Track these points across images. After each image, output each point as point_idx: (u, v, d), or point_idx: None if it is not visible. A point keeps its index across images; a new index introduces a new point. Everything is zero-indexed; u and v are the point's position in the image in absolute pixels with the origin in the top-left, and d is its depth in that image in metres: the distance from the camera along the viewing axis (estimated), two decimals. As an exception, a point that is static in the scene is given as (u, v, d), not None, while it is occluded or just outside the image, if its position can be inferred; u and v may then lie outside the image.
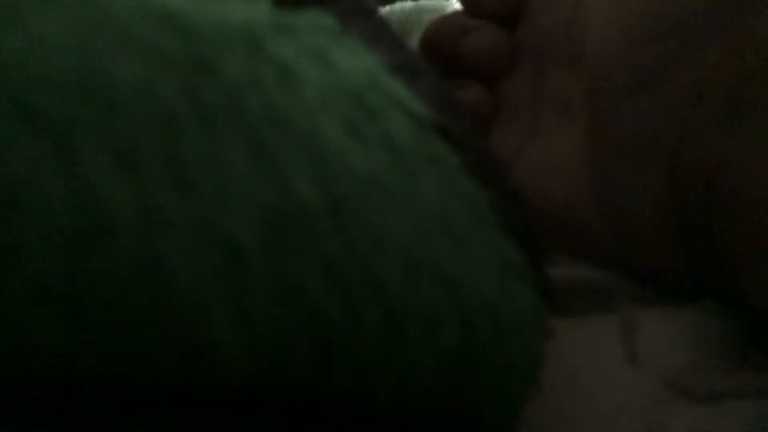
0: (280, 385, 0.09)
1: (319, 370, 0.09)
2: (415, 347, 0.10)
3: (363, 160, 0.09)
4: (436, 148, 0.11)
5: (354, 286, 0.09)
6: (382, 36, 0.13)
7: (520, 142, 0.25)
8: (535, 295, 0.12)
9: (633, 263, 0.22)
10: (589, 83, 0.21)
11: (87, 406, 0.08)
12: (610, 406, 0.17)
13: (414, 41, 0.27)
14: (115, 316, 0.07)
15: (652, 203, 0.19)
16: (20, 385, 0.08)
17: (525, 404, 0.12)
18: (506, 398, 0.12)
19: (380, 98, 0.10)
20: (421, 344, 0.10)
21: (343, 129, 0.09)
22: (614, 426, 0.17)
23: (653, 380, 0.18)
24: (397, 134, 0.10)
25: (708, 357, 0.19)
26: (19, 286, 0.07)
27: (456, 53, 0.24)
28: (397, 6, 0.35)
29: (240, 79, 0.09)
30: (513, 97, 0.25)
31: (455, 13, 0.27)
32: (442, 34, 0.25)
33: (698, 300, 0.21)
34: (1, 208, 0.07)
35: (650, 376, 0.18)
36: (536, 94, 0.25)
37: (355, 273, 0.09)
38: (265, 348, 0.08)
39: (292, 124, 0.09)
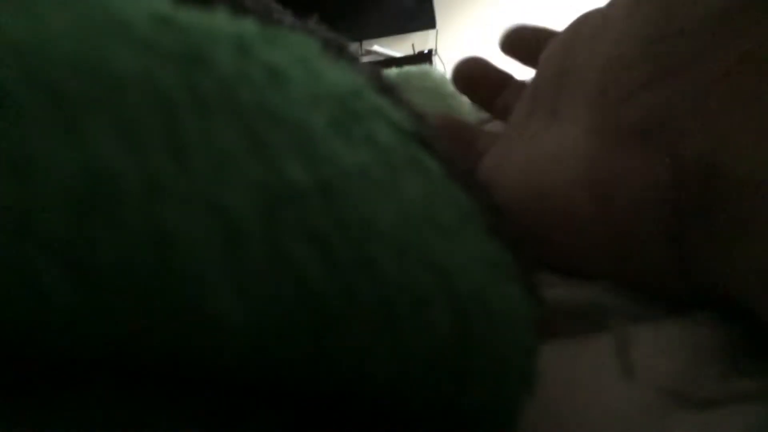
0: (278, 368, 0.09)
1: (316, 348, 0.09)
2: (408, 330, 0.10)
3: (349, 154, 0.10)
4: (419, 155, 0.11)
5: (346, 263, 0.09)
6: (363, 66, 0.13)
7: (519, 134, 0.26)
8: (524, 292, 0.12)
9: (626, 267, 0.22)
10: (593, 85, 0.21)
11: (87, 396, 0.08)
12: (608, 416, 0.17)
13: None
14: (119, 277, 0.08)
15: (651, 195, 0.19)
16: (27, 354, 0.08)
17: (522, 407, 0.12)
18: (502, 395, 0.12)
19: (365, 106, 0.11)
20: (414, 327, 0.10)
21: (330, 125, 0.10)
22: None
23: (649, 389, 0.18)
24: (381, 137, 0.11)
25: (702, 365, 0.19)
26: (29, 247, 0.07)
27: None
28: (384, 72, 0.37)
29: (231, 74, 0.09)
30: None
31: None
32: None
33: (691, 313, 0.21)
34: (13, 173, 0.07)
35: (646, 385, 0.18)
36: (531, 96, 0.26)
37: (347, 251, 0.09)
38: (263, 321, 0.09)
39: (282, 115, 0.09)
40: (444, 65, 1.72)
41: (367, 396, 0.10)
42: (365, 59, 1.55)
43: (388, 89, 0.13)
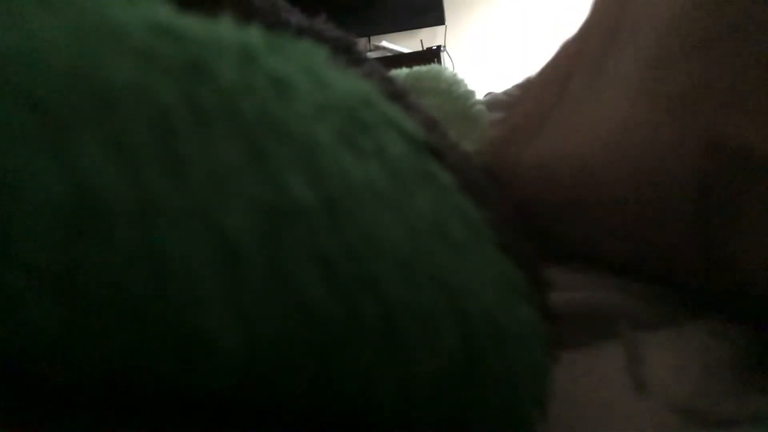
0: (280, 390, 0.09)
1: (319, 371, 0.09)
2: (415, 350, 0.09)
3: (357, 167, 0.09)
4: (430, 166, 0.11)
5: (351, 283, 0.09)
6: (374, 71, 0.13)
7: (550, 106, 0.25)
8: (537, 313, 0.11)
9: (648, 246, 0.21)
10: (651, 42, 0.20)
11: (84, 417, 0.08)
12: (621, 434, 0.16)
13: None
14: (110, 301, 0.07)
15: (681, 168, 0.18)
16: (19, 380, 0.08)
17: (534, 430, 0.12)
18: (513, 418, 0.11)
19: (374, 115, 0.10)
20: (421, 347, 0.09)
21: (336, 138, 0.09)
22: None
23: (663, 408, 0.17)
24: (390, 148, 0.10)
25: (716, 382, 0.18)
26: (14, 271, 0.07)
27: None
28: (393, 73, 0.36)
29: (234, 85, 0.09)
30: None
31: None
32: None
33: (703, 317, 0.20)
34: None
35: (659, 404, 0.17)
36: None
37: (352, 271, 0.09)
38: (262, 344, 0.08)
39: (286, 128, 0.09)
40: (452, 62, 1.71)
41: (372, 419, 0.10)
42: (373, 54, 1.55)
43: (399, 94, 0.12)
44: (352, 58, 0.12)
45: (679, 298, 0.22)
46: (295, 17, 0.12)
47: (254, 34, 0.10)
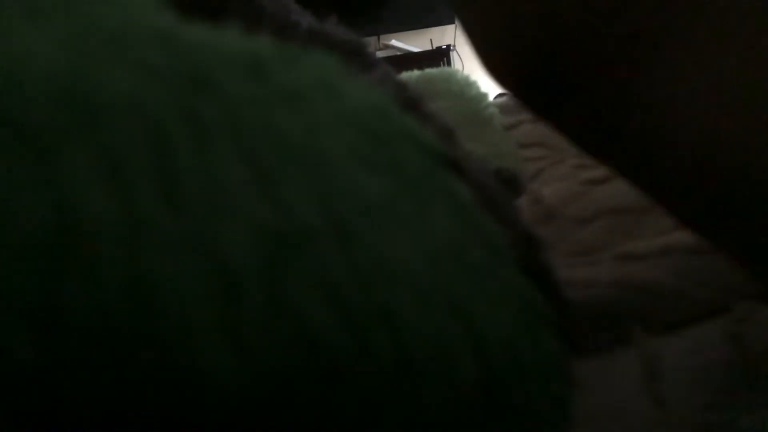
0: (282, 424, 0.08)
1: (325, 407, 0.08)
2: (430, 383, 0.08)
3: (370, 185, 0.08)
4: (449, 181, 0.10)
5: (360, 313, 0.08)
6: (389, 78, 0.12)
7: None
8: (558, 338, 0.11)
9: None
10: None
11: None
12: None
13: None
14: (95, 337, 0.07)
15: None
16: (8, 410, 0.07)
17: None
18: None
19: (390, 128, 0.09)
20: (436, 380, 0.09)
21: (349, 154, 0.09)
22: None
23: (679, 422, 0.17)
24: (407, 163, 0.09)
25: (733, 394, 0.18)
26: None
27: None
28: (404, 75, 0.35)
29: (239, 98, 0.08)
30: None
31: None
32: None
33: (721, 316, 0.19)
34: None
35: (676, 417, 0.17)
36: None
37: (362, 300, 0.08)
38: (263, 379, 0.07)
39: (294, 144, 0.08)
40: (462, 61, 1.70)
41: None
42: (382, 53, 1.53)
43: (414, 102, 0.11)
44: (364, 62, 0.11)
45: (697, 292, 0.21)
46: (305, 20, 0.11)
47: (264, 44, 0.09)
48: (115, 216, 0.07)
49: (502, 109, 0.37)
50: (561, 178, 0.32)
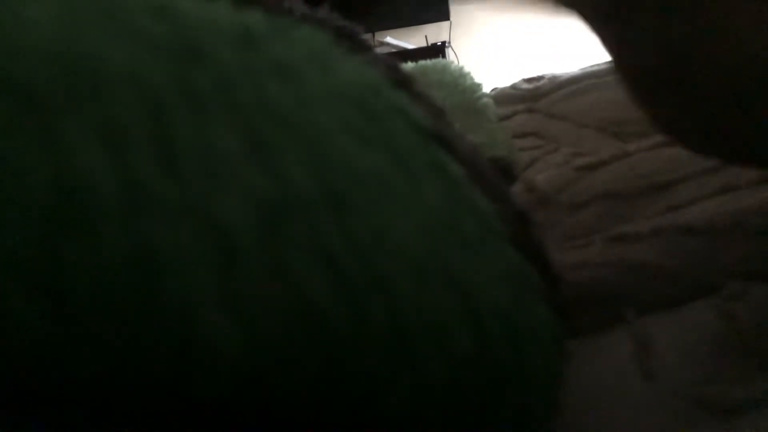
0: (281, 393, 0.08)
1: (323, 374, 0.08)
2: (426, 351, 0.09)
3: (364, 158, 0.09)
4: (440, 157, 0.10)
5: (357, 283, 0.08)
6: (378, 58, 0.12)
7: None
8: (549, 308, 0.11)
9: None
10: None
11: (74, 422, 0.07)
12: (629, 424, 0.16)
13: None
14: (98, 299, 0.07)
15: None
16: (8, 384, 0.07)
17: (547, 428, 0.11)
18: (527, 420, 0.10)
19: (382, 104, 0.10)
20: (432, 349, 0.09)
21: (342, 127, 0.09)
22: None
23: (671, 396, 0.17)
24: (398, 138, 0.09)
25: (723, 367, 0.18)
26: None
27: None
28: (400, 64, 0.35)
29: (233, 70, 0.08)
30: None
31: None
32: None
33: (711, 295, 0.20)
34: None
35: (667, 391, 0.17)
36: None
37: (358, 269, 0.08)
38: (262, 346, 0.08)
39: (288, 116, 0.08)
40: (457, 57, 1.69)
41: (380, 423, 0.09)
42: (377, 51, 1.53)
43: (405, 82, 0.11)
44: (356, 44, 0.11)
45: (689, 272, 0.21)
46: (298, 6, 0.11)
47: (255, 17, 0.09)
48: (115, 182, 0.07)
49: (497, 100, 0.37)
50: (555, 165, 0.33)
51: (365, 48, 0.11)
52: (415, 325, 0.08)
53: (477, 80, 0.34)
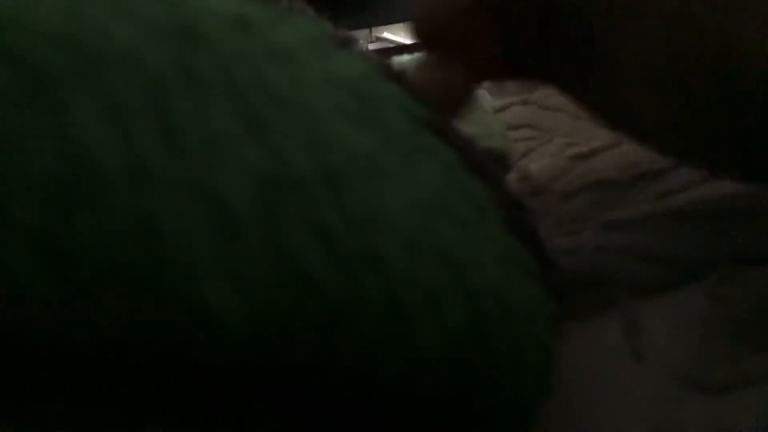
0: (280, 364, 0.08)
1: (320, 344, 0.08)
2: (419, 325, 0.09)
3: (358, 139, 0.09)
4: (433, 143, 0.10)
5: (352, 257, 0.08)
6: (371, 55, 0.12)
7: None
8: (542, 289, 0.11)
9: None
10: None
11: (80, 396, 0.08)
12: (620, 405, 0.16)
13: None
14: (102, 270, 0.07)
15: None
16: (17, 351, 0.07)
17: (539, 411, 0.11)
18: (518, 397, 0.11)
19: (375, 90, 0.10)
20: (425, 324, 0.09)
21: (337, 110, 0.09)
22: (623, 425, 0.16)
23: (661, 376, 0.17)
24: (392, 122, 0.10)
25: (713, 347, 0.18)
26: (2, 237, 0.06)
27: None
28: (395, 60, 0.35)
29: (230, 51, 0.08)
30: None
31: None
32: None
33: (703, 278, 0.20)
34: None
35: (657, 371, 0.17)
36: None
37: (353, 244, 0.08)
38: (262, 315, 0.08)
39: (284, 97, 0.08)
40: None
41: (375, 395, 0.09)
42: (374, 46, 1.53)
43: (397, 76, 0.12)
44: (344, 39, 0.12)
45: (680, 256, 0.21)
46: (295, 2, 0.11)
47: (251, 5, 0.09)
48: (118, 155, 0.07)
49: (491, 92, 0.37)
50: (549, 155, 0.33)
51: (354, 42, 0.12)
52: (408, 298, 0.09)
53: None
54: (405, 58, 0.34)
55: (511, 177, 0.30)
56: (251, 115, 0.08)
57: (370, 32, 1.73)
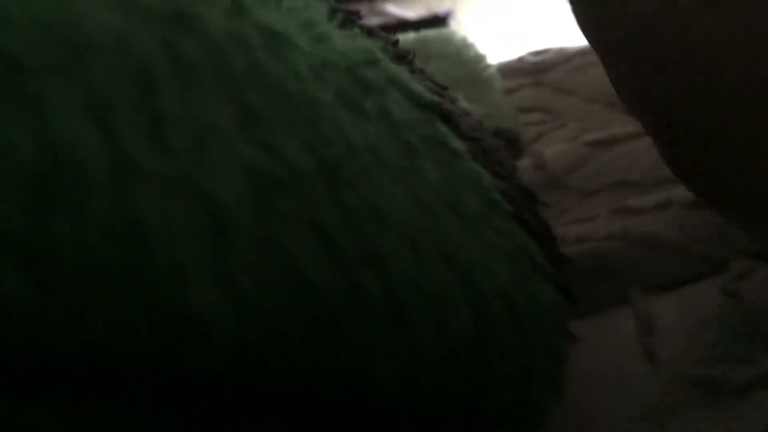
0: (274, 371, 0.08)
1: (317, 351, 0.08)
2: (423, 329, 0.09)
3: (359, 130, 0.08)
4: (440, 131, 0.10)
5: (351, 257, 0.08)
6: (377, 32, 0.12)
7: None
8: (553, 289, 0.11)
9: None
10: None
11: (69, 401, 0.07)
12: (633, 408, 0.16)
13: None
14: (85, 273, 0.07)
15: None
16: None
17: (548, 415, 0.11)
18: (527, 400, 0.10)
19: (378, 75, 0.09)
20: (429, 326, 0.09)
21: (336, 98, 0.08)
22: (634, 427, 0.16)
23: (674, 378, 0.17)
24: (396, 110, 0.09)
25: (728, 347, 0.18)
26: None
27: None
28: (401, 38, 0.34)
29: (222, 37, 0.08)
30: None
31: None
32: None
33: (718, 273, 0.20)
34: None
35: (671, 373, 0.17)
36: None
37: (353, 243, 0.08)
38: (254, 321, 0.07)
39: (280, 86, 0.08)
40: (462, 28, 1.67)
41: (376, 398, 0.09)
42: (376, 20, 1.51)
43: (404, 56, 0.11)
44: (351, 18, 0.11)
45: (694, 247, 0.21)
46: None
47: None
48: (101, 151, 0.07)
49: (502, 73, 0.37)
50: (562, 140, 0.32)
51: (360, 21, 0.11)
52: (410, 302, 0.08)
53: (481, 52, 0.34)
54: (410, 36, 0.34)
55: (525, 162, 0.30)
56: (244, 106, 0.08)
57: (372, 5, 1.71)
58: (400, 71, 0.10)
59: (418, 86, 0.10)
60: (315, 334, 0.08)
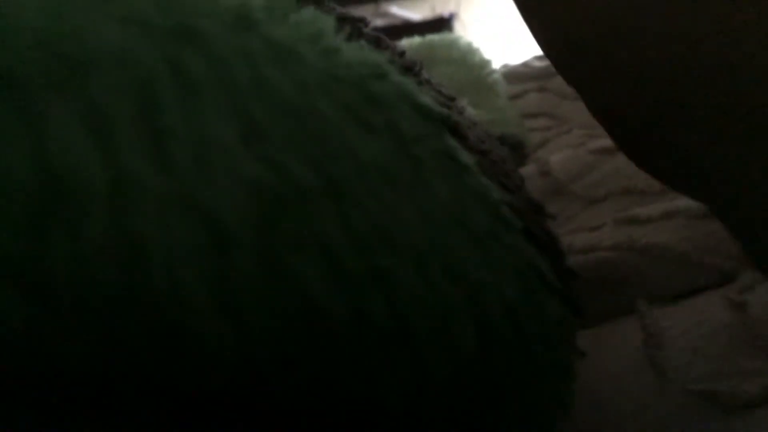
0: (276, 392, 0.08)
1: (322, 373, 0.08)
2: (428, 350, 0.08)
3: (366, 146, 0.08)
4: (448, 145, 0.10)
5: (356, 276, 0.08)
6: (384, 43, 0.12)
7: None
8: (561, 304, 0.11)
9: None
10: None
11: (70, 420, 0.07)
12: (638, 420, 0.16)
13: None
14: (82, 295, 0.07)
15: None
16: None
17: (556, 428, 0.11)
18: (535, 419, 0.10)
19: (386, 88, 0.09)
20: (435, 347, 0.09)
21: (343, 113, 0.08)
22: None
23: (681, 392, 0.17)
24: (404, 124, 0.09)
25: (735, 361, 0.18)
26: None
27: None
28: (405, 42, 0.34)
29: (228, 52, 0.08)
30: None
31: None
32: None
33: (724, 284, 0.19)
34: None
35: (680, 387, 0.17)
36: None
37: (359, 263, 0.08)
38: (255, 343, 0.07)
39: (286, 101, 0.08)
40: (466, 30, 1.67)
41: (381, 420, 0.09)
42: (380, 21, 1.51)
43: (411, 68, 0.11)
44: (360, 29, 0.11)
45: (700, 258, 0.21)
46: None
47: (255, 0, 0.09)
48: (100, 170, 0.07)
49: (507, 78, 0.37)
50: (568, 146, 0.32)
51: (370, 32, 0.11)
52: (417, 322, 0.08)
53: (486, 56, 0.34)
54: (416, 40, 0.33)
55: (530, 169, 0.30)
56: (249, 121, 0.07)
57: (377, 7, 1.71)
58: (408, 84, 0.10)
59: (425, 99, 0.10)
60: (318, 353, 0.08)
